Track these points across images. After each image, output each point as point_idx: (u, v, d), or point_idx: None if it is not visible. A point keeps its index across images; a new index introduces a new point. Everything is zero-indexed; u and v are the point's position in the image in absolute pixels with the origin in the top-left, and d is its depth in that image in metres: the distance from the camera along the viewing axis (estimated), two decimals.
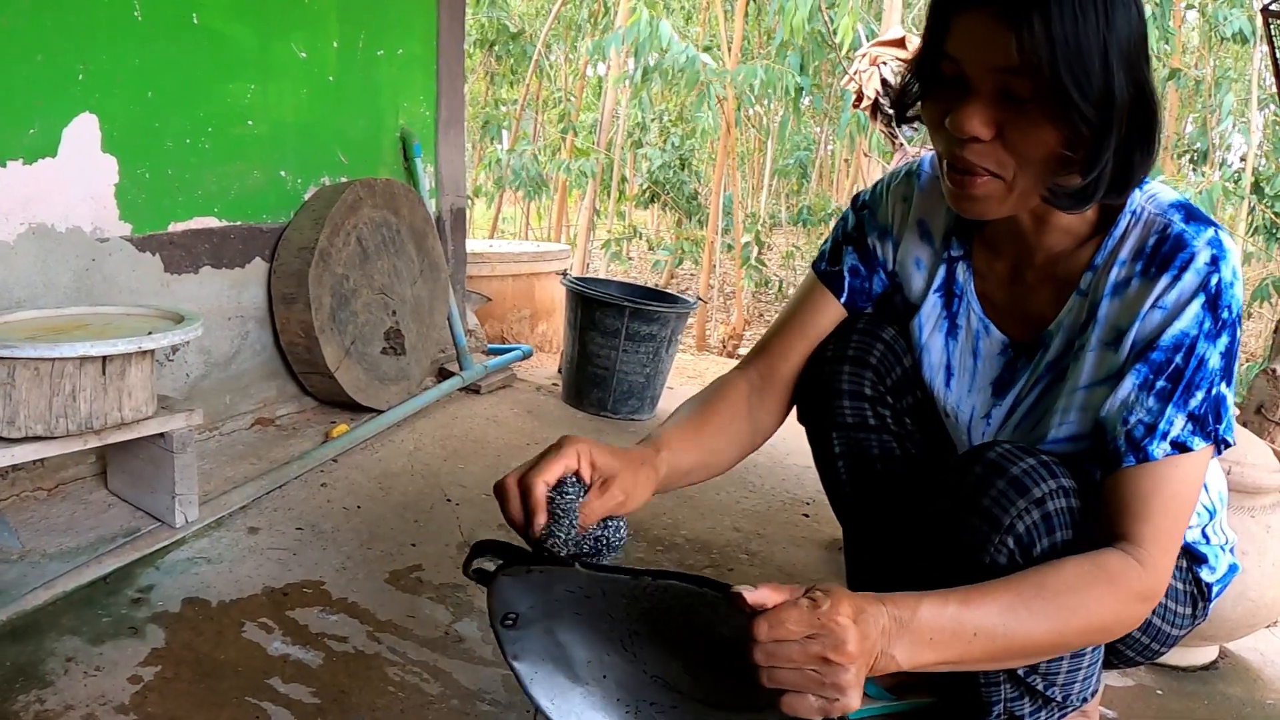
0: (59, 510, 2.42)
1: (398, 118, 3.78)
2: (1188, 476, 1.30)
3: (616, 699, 1.41)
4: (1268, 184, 7.89)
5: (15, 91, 2.41)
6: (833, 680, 1.04)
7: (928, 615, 1.14)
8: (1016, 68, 1.18)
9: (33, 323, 2.29)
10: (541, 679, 1.35)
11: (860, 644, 1.05)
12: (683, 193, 11.26)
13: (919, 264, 1.62)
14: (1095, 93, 1.18)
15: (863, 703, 1.87)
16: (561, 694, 1.37)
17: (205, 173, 2.98)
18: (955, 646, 1.15)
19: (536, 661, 1.33)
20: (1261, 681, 2.30)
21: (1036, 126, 1.21)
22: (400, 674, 1.90)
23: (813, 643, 1.04)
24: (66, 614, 1.99)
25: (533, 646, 1.32)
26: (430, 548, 2.45)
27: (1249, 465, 2.19)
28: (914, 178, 1.62)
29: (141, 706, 1.70)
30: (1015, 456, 1.36)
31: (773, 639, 1.04)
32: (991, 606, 1.19)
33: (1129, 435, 1.30)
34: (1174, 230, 1.31)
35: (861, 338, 1.65)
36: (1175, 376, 1.29)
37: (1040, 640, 1.21)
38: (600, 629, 1.35)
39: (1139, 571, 1.24)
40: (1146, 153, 1.26)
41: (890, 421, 1.67)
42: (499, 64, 10.89)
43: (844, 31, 6.45)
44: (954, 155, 1.28)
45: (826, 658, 1.04)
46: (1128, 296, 1.34)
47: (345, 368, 3.23)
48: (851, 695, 1.04)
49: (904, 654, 1.11)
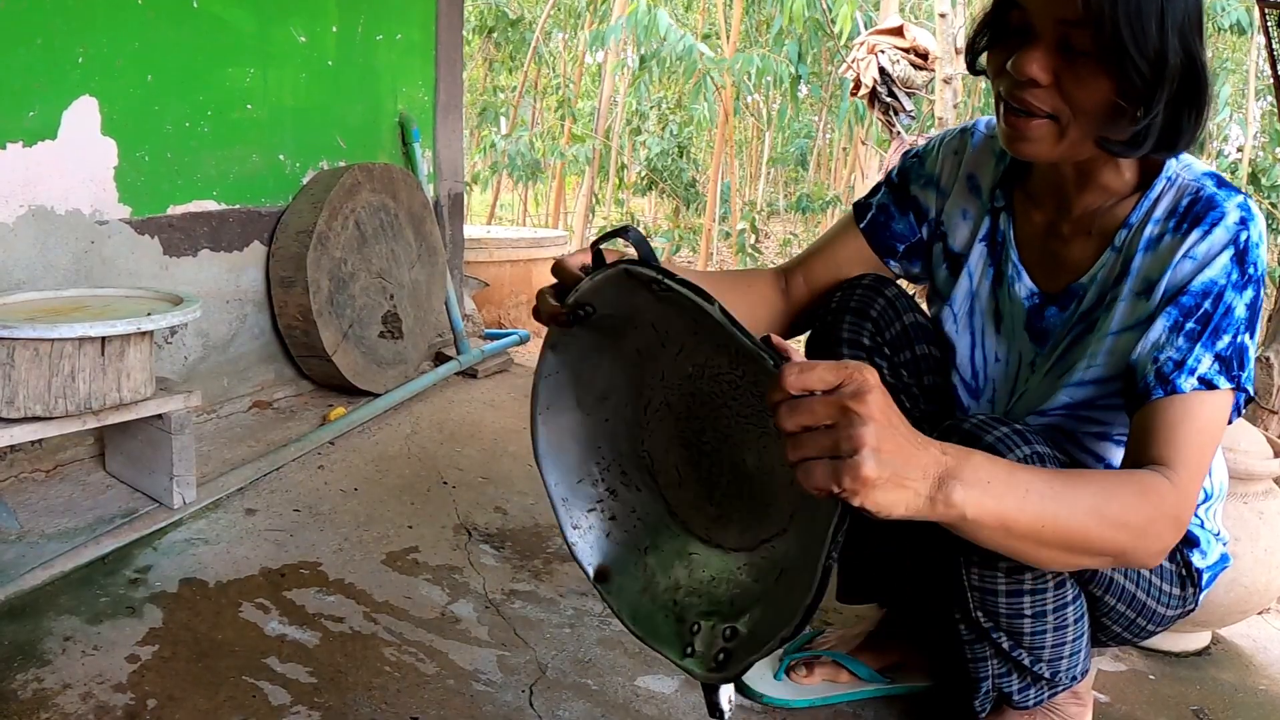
0: (57, 491, 2.43)
1: (396, 103, 3.78)
2: (1213, 415, 1.32)
3: (597, 446, 1.41)
4: (1264, 175, 7.88)
5: (15, 74, 2.42)
6: (849, 433, 0.96)
7: (982, 459, 1.09)
8: (1080, 20, 1.26)
9: (32, 304, 2.30)
10: (556, 381, 1.35)
11: (886, 406, 0.98)
12: (681, 180, 11.25)
13: (965, 214, 1.69)
14: (1150, 51, 1.25)
15: (858, 686, 1.89)
16: (558, 405, 1.37)
17: (204, 156, 2.98)
18: (1010, 500, 1.10)
19: (565, 364, 1.33)
20: (1254, 667, 2.32)
21: (1093, 77, 1.29)
22: (396, 654, 1.91)
23: (835, 395, 0.97)
24: (65, 594, 2.00)
25: (573, 348, 1.32)
26: (427, 530, 2.45)
27: (1242, 452, 2.20)
28: (969, 134, 1.70)
29: (139, 685, 1.71)
30: (989, 426, 1.39)
31: (800, 386, 0.98)
32: (1039, 474, 1.15)
33: (1159, 371, 1.33)
34: (1206, 193, 1.38)
35: (865, 292, 1.71)
36: (1204, 319, 1.33)
37: (1084, 521, 1.17)
38: (638, 379, 1.35)
39: (1170, 487, 1.24)
40: (1195, 117, 1.32)
41: (887, 373, 1.72)
42: (498, 50, 10.87)
43: (843, 20, 6.45)
44: (1013, 95, 1.35)
45: (847, 407, 0.96)
46: (1160, 250, 1.40)
47: (343, 351, 3.23)
48: (868, 459, 0.95)
49: (970, 494, 1.05)
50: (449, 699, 1.78)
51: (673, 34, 7.33)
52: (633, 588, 1.41)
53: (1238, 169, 8.19)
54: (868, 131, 7.89)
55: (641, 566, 1.42)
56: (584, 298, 1.23)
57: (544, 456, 1.39)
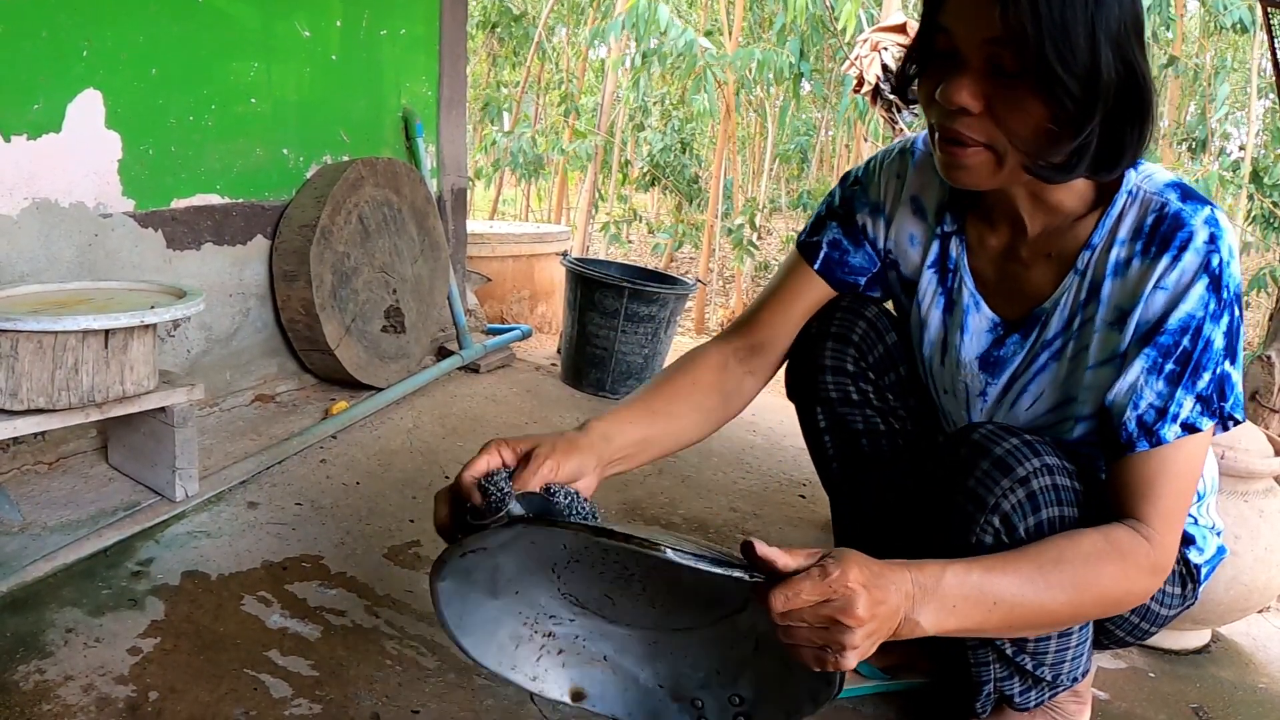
0: (60, 484, 2.43)
1: (400, 98, 3.78)
2: (1193, 456, 1.32)
3: (519, 612, 1.42)
4: (1266, 173, 7.87)
5: (20, 67, 2.42)
6: (838, 639, 1.08)
7: (952, 582, 1.17)
8: (1002, 39, 1.19)
9: (36, 297, 2.30)
10: (459, 601, 1.35)
11: (872, 608, 1.08)
12: (683, 176, 11.24)
13: (913, 240, 1.62)
14: (1079, 67, 1.18)
15: (857, 682, 1.89)
16: (469, 610, 1.37)
17: (208, 150, 2.98)
18: (975, 615, 1.18)
19: (462, 582, 1.33)
20: (1253, 665, 2.32)
21: (1024, 100, 1.22)
22: (398, 648, 1.91)
23: (823, 607, 1.07)
24: (67, 586, 2.00)
25: (464, 568, 1.31)
26: (428, 524, 2.43)
27: (1242, 451, 2.20)
28: (908, 155, 1.63)
29: (141, 677, 1.72)
30: (999, 437, 1.38)
31: (789, 608, 1.07)
32: (1013, 578, 1.22)
33: (1140, 420, 1.31)
34: (1171, 209, 1.31)
35: (845, 315, 1.67)
36: (1184, 359, 1.30)
37: (1056, 611, 1.24)
38: (546, 560, 1.35)
39: (1148, 548, 1.27)
40: (1139, 132, 1.27)
41: (873, 396, 1.70)
42: (501, 46, 10.87)
43: (846, 17, 6.44)
44: (944, 127, 1.30)
45: (836, 619, 1.07)
46: (1129, 277, 1.35)
47: (345, 345, 3.24)
48: (851, 655, 1.08)
49: (929, 619, 1.15)
50: (450, 693, 1.78)
51: (674, 28, 7.32)
52: (613, 692, 1.46)
53: (1240, 167, 8.19)
54: (869, 128, 7.88)
55: (612, 670, 1.45)
56: (476, 545, 1.23)
57: (476, 654, 1.41)
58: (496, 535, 1.18)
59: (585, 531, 1.13)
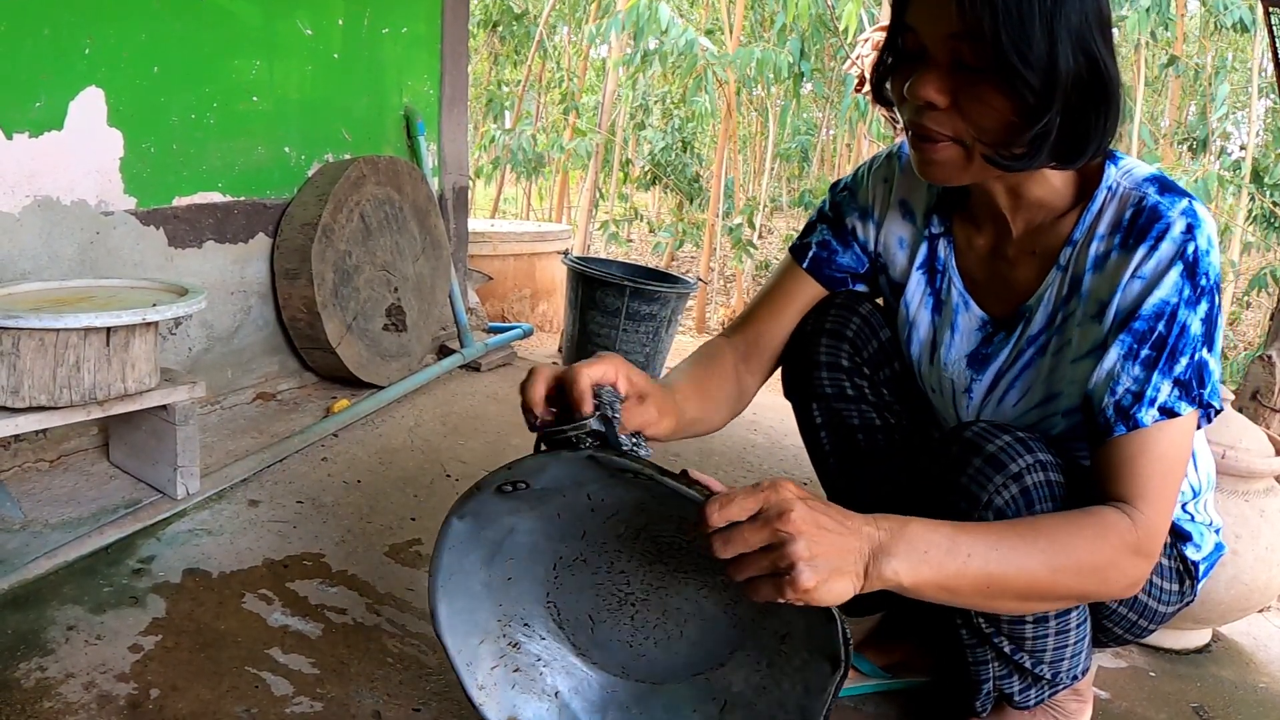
0: (61, 481, 2.44)
1: (402, 96, 3.78)
2: (1176, 440, 1.31)
3: (498, 604, 1.42)
4: (1266, 173, 7.87)
5: (22, 65, 2.42)
6: (784, 555, 1.06)
7: (919, 529, 1.16)
8: (961, 33, 1.21)
9: (37, 294, 2.30)
10: (461, 550, 1.36)
11: (811, 517, 1.07)
12: (684, 175, 11.23)
13: (901, 242, 1.65)
14: (1037, 60, 1.19)
15: (859, 681, 1.89)
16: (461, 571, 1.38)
17: (210, 148, 2.98)
18: (951, 566, 1.16)
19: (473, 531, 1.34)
20: (1254, 665, 2.32)
21: (986, 94, 1.24)
22: (399, 646, 1.91)
23: (759, 519, 1.07)
24: (68, 583, 2.00)
25: (484, 514, 1.32)
26: (430, 522, 2.46)
27: (1243, 450, 2.20)
28: (895, 159, 1.66)
29: (142, 675, 1.72)
30: (991, 434, 1.39)
31: (724, 519, 1.08)
32: (985, 533, 1.20)
33: (1118, 405, 1.31)
34: (1149, 202, 1.32)
35: (839, 311, 1.69)
36: (1159, 344, 1.30)
37: (1034, 574, 1.21)
38: (555, 537, 1.36)
39: (1129, 524, 1.26)
40: (1103, 123, 1.28)
41: (868, 392, 1.71)
42: (502, 45, 10.86)
43: (847, 17, 6.43)
44: (914, 123, 1.32)
45: (775, 528, 1.06)
46: (1107, 269, 1.36)
47: (347, 343, 3.24)
48: (804, 571, 1.05)
49: (903, 566, 1.13)
50: (451, 691, 1.78)
51: (674, 27, 7.31)
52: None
53: (1240, 167, 8.18)
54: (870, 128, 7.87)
55: (557, 711, 1.46)
56: (525, 475, 1.24)
57: (445, 628, 1.40)
58: (558, 462, 1.20)
59: (650, 468, 1.14)
